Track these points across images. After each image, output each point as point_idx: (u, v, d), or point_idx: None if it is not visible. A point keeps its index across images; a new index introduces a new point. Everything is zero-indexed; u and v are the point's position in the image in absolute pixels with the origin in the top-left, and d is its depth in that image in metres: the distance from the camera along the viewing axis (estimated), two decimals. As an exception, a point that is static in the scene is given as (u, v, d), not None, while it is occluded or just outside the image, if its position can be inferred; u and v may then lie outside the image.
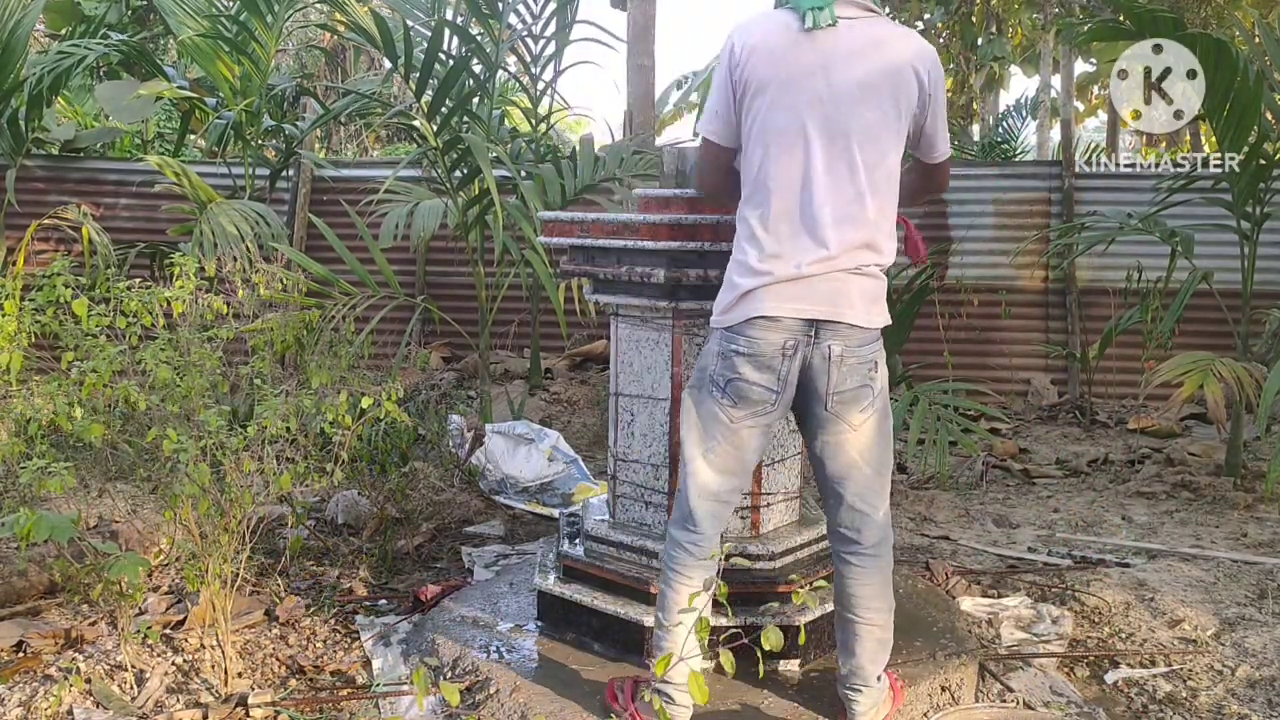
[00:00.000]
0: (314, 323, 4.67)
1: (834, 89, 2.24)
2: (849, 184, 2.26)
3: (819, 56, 2.25)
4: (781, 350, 2.29)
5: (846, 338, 2.30)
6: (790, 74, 2.26)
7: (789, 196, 2.28)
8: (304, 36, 13.18)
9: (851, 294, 2.29)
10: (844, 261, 2.27)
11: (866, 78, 2.24)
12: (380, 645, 3.11)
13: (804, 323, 2.28)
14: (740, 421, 2.36)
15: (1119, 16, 5.17)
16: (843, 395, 2.33)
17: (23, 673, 2.82)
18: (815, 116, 2.25)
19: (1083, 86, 12.37)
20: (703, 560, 2.43)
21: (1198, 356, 4.65)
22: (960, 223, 7.56)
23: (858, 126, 2.25)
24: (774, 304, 2.28)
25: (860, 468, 2.40)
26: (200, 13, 6.61)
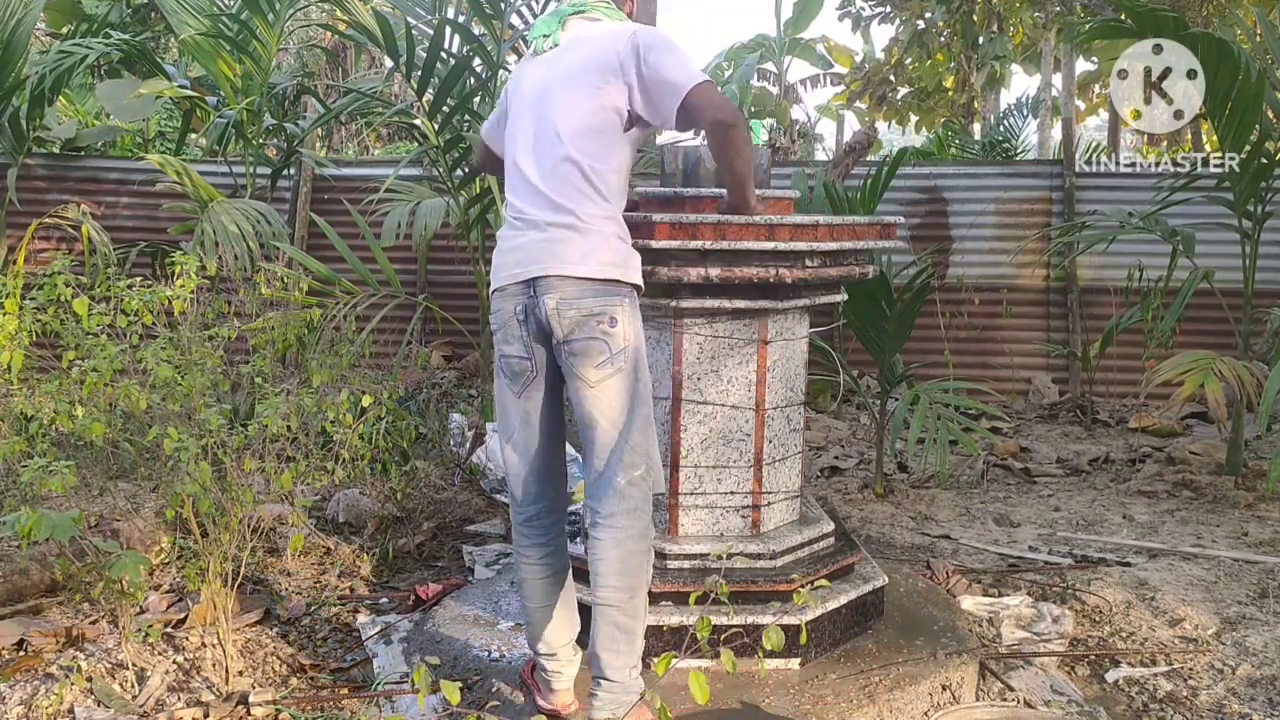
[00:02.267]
0: (315, 321, 4.67)
1: (547, 87, 2.47)
2: (551, 154, 2.42)
3: (541, 69, 2.51)
4: (515, 316, 2.42)
5: (560, 290, 2.36)
6: (518, 94, 2.54)
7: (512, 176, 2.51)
8: (305, 35, 13.18)
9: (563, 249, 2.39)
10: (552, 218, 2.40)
11: (569, 69, 2.45)
12: (381, 644, 3.11)
13: (522, 285, 2.40)
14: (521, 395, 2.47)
15: (1120, 15, 5.17)
16: (573, 344, 2.36)
17: (24, 671, 2.82)
18: (529, 113, 2.48)
19: (1084, 85, 12.36)
20: (537, 540, 2.54)
21: (1199, 355, 4.65)
22: (961, 222, 7.56)
23: (561, 107, 2.42)
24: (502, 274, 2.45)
25: (603, 429, 2.38)
26: (201, 11, 6.60)
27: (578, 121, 2.40)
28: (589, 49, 2.45)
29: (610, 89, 2.40)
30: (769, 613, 2.75)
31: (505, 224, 2.52)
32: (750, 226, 2.67)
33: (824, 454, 5.82)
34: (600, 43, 2.45)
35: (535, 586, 2.55)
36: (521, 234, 2.44)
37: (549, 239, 2.38)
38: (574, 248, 2.37)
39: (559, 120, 2.42)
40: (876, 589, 3.07)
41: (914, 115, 13.54)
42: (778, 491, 2.98)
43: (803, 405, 3.08)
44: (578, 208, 2.38)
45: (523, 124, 2.49)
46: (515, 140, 2.51)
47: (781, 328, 2.91)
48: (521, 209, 2.45)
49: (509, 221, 2.50)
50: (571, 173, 2.40)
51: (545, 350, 2.42)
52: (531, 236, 2.41)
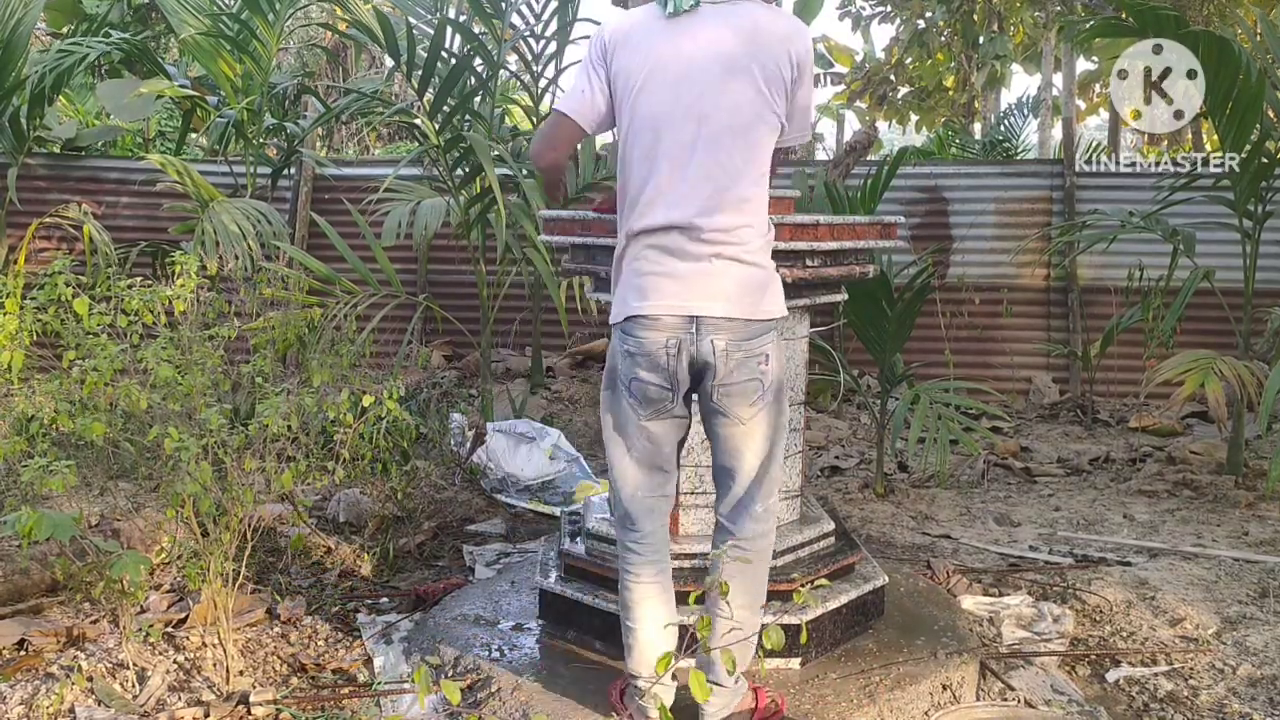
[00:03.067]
0: (315, 321, 4.67)
1: (693, 72, 2.21)
2: (719, 167, 2.22)
3: (683, 44, 2.23)
4: (665, 349, 2.26)
5: (729, 331, 2.24)
6: (650, 61, 2.24)
7: (660, 183, 2.25)
8: (305, 35, 13.18)
9: (727, 285, 2.24)
10: (717, 249, 2.23)
11: (729, 59, 2.20)
12: (382, 643, 3.11)
13: (684, 319, 2.24)
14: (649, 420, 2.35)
15: (1121, 14, 5.16)
16: (731, 388, 2.27)
17: (25, 671, 2.82)
18: (680, 100, 2.22)
19: (1084, 85, 12.35)
20: (651, 559, 2.42)
21: (1199, 355, 4.65)
22: (961, 221, 7.56)
23: (725, 106, 2.21)
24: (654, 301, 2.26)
25: (749, 461, 2.34)
26: (202, 11, 6.61)
27: (739, 121, 2.22)
28: (750, 38, 2.21)
29: (773, 94, 2.23)
30: (769, 612, 2.75)
31: (640, 231, 2.27)
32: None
33: (824, 453, 5.83)
34: (762, 32, 2.22)
35: (648, 608, 2.42)
36: (676, 258, 2.24)
37: (713, 272, 2.22)
38: (740, 283, 2.23)
39: (718, 117, 2.21)
40: (877, 588, 3.07)
41: (914, 115, 13.53)
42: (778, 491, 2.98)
43: (803, 405, 3.08)
44: (737, 232, 2.23)
45: (665, 109, 2.23)
46: (653, 130, 2.24)
47: (781, 327, 2.91)
48: (671, 221, 2.23)
49: (651, 232, 2.25)
50: (728, 185, 2.22)
51: (689, 385, 2.31)
52: (690, 265, 2.23)
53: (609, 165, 5.79)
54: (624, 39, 2.29)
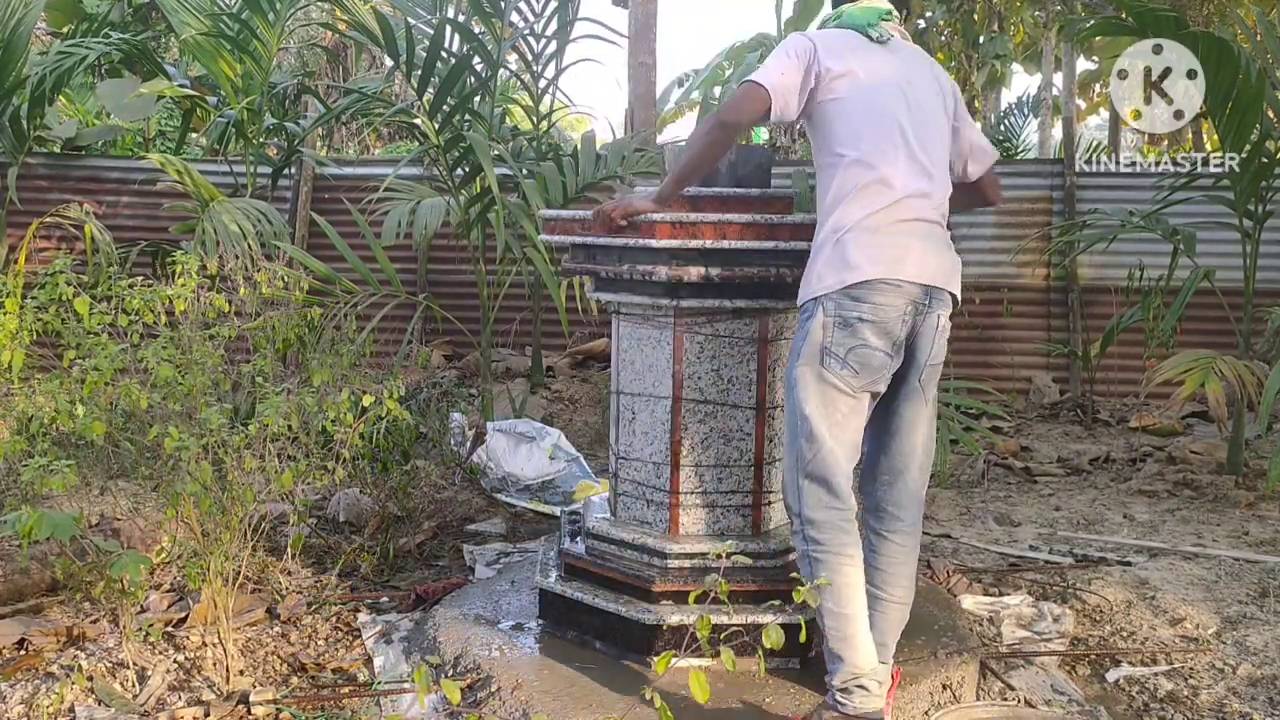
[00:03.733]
0: (316, 321, 4.67)
1: (914, 95, 2.49)
2: (940, 156, 2.52)
3: (896, 63, 2.52)
4: (901, 317, 2.41)
5: (949, 308, 2.47)
6: (871, 69, 2.48)
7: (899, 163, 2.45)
8: (306, 35, 13.17)
9: (950, 259, 2.48)
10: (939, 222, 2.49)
11: (931, 88, 2.54)
12: (382, 643, 3.11)
13: (922, 289, 2.40)
14: (860, 391, 2.44)
15: (1121, 13, 5.17)
16: (935, 368, 2.47)
17: (25, 670, 2.82)
18: (904, 118, 2.46)
19: (1084, 84, 12.35)
20: (855, 534, 2.49)
21: (1199, 355, 4.65)
22: (962, 220, 7.55)
23: (934, 129, 2.51)
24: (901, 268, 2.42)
25: (924, 443, 2.51)
26: (202, 11, 6.61)
27: (940, 154, 2.52)
28: (936, 75, 2.60)
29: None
30: (769, 612, 2.75)
31: (882, 188, 2.42)
32: (751, 226, 2.67)
33: (824, 453, 5.81)
34: (938, 71, 2.62)
35: (857, 591, 2.44)
36: (923, 224, 2.44)
37: (948, 247, 2.47)
38: (954, 262, 2.48)
39: (932, 145, 2.50)
40: (877, 588, 3.07)
41: (914, 114, 13.50)
42: (778, 490, 2.98)
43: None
44: (944, 208, 2.50)
45: (898, 121, 2.47)
46: (892, 109, 2.47)
47: (782, 327, 2.91)
48: (917, 189, 2.44)
49: (896, 186, 2.42)
50: (944, 176, 2.51)
51: (902, 355, 2.45)
52: (936, 237, 2.45)
53: (608, 165, 5.79)
54: (830, 49, 2.49)
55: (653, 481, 2.94)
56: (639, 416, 2.95)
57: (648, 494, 2.96)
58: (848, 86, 2.46)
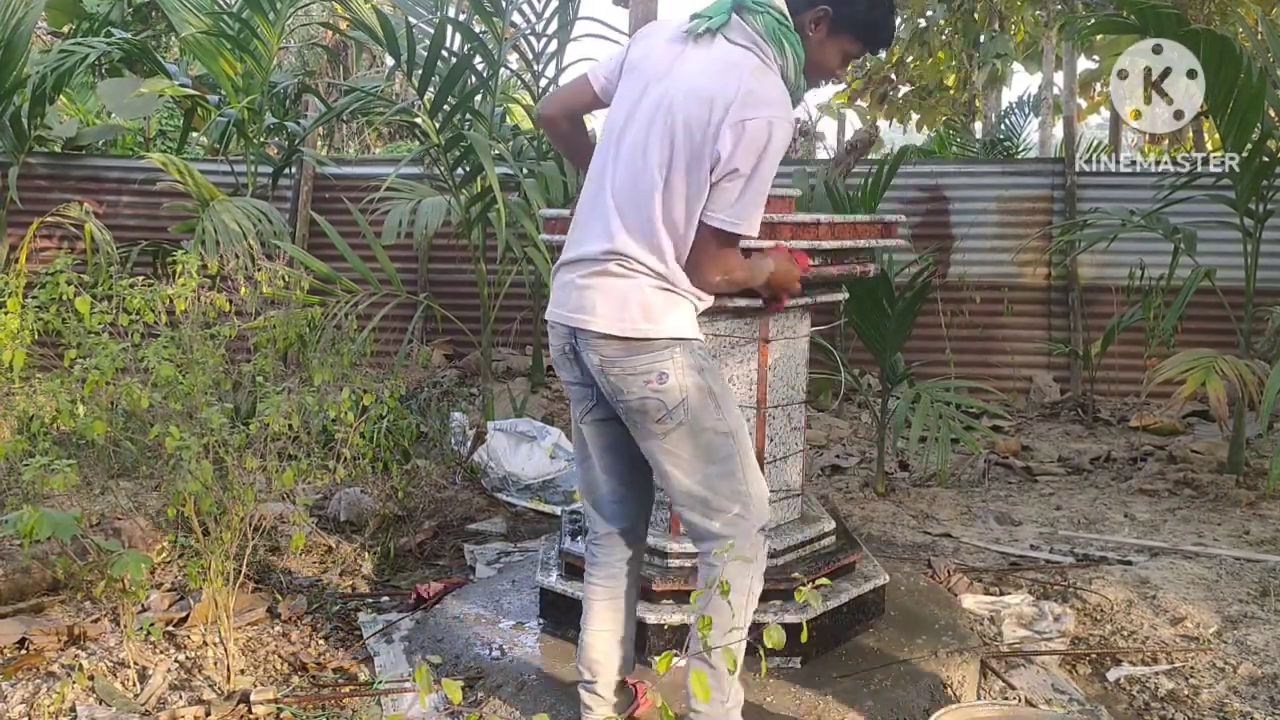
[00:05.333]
0: (316, 320, 4.68)
1: (670, 92, 2.14)
2: (639, 186, 2.16)
3: (675, 61, 2.18)
4: (564, 354, 2.30)
5: (600, 348, 2.17)
6: (644, 68, 2.22)
7: (589, 186, 2.28)
8: (306, 34, 13.18)
9: (595, 299, 2.17)
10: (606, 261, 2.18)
11: (703, 92, 2.09)
12: (382, 642, 3.12)
13: (566, 329, 2.25)
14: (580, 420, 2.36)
15: (1122, 12, 5.16)
16: (628, 405, 2.19)
17: (26, 670, 2.83)
18: (644, 110, 2.18)
19: (1085, 84, 12.33)
20: (603, 562, 2.44)
21: (1200, 354, 4.65)
22: (962, 220, 7.56)
23: (680, 130, 2.11)
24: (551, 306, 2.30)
25: (678, 480, 2.23)
26: (202, 10, 6.61)
27: (681, 168, 2.11)
28: (720, 85, 2.09)
29: (704, 153, 2.10)
30: (770, 611, 2.75)
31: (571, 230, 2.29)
32: (751, 225, 2.66)
33: (825, 453, 5.82)
34: (725, 86, 2.08)
35: (591, 608, 2.45)
36: (572, 267, 2.25)
37: (590, 286, 2.19)
38: (612, 298, 2.16)
39: (671, 149, 2.12)
40: (878, 587, 3.07)
41: (915, 114, 13.51)
42: (779, 490, 2.98)
43: (804, 404, 3.08)
44: (631, 249, 2.16)
45: (627, 117, 2.20)
46: (611, 127, 2.23)
47: (782, 326, 2.91)
48: (581, 226, 2.25)
49: (571, 232, 2.29)
50: (647, 204, 2.15)
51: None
52: (579, 272, 2.22)
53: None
54: (640, 37, 2.30)
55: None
56: (640, 416, 2.94)
57: (648, 493, 2.95)
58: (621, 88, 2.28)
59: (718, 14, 2.16)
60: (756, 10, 2.15)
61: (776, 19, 2.15)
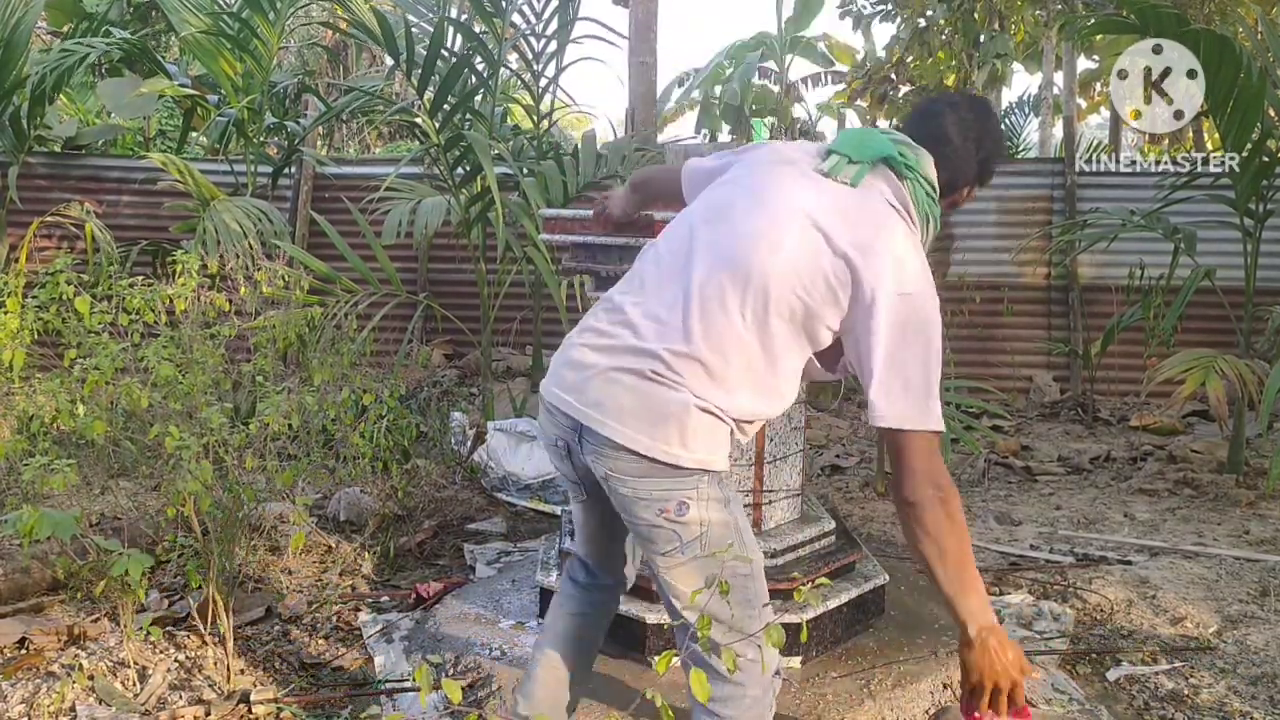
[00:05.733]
0: (316, 320, 4.68)
1: (763, 222, 1.88)
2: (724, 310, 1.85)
3: (791, 188, 1.91)
4: (553, 445, 1.99)
5: (612, 459, 1.85)
6: (736, 187, 1.98)
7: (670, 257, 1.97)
8: (306, 34, 13.18)
9: (623, 399, 1.83)
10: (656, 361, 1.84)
11: (809, 234, 1.85)
12: (383, 642, 3.12)
13: (570, 421, 1.90)
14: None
15: (1122, 12, 5.16)
16: (635, 525, 1.90)
17: (26, 669, 2.82)
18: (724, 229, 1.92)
19: (1085, 84, 12.34)
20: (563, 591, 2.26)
21: (1200, 354, 4.65)
22: (962, 220, 7.55)
23: (760, 267, 1.84)
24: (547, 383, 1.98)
25: (674, 609, 1.95)
26: (202, 10, 6.61)
27: (771, 303, 1.85)
28: (850, 232, 1.84)
29: (828, 304, 1.86)
30: (770, 611, 2.75)
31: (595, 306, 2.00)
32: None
33: (825, 452, 5.82)
34: (858, 236, 1.83)
35: (554, 641, 2.22)
36: (605, 350, 1.90)
37: (620, 382, 1.85)
38: (643, 404, 1.83)
39: (766, 256, 1.84)
40: (877, 587, 3.07)
41: (915, 113, 13.51)
42: (778, 490, 2.98)
43: (804, 404, 3.08)
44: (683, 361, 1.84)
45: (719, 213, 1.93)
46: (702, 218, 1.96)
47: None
48: (619, 318, 1.92)
49: (600, 312, 1.98)
50: (720, 319, 1.84)
51: (595, 482, 1.96)
52: (613, 361, 1.87)
53: (609, 164, 5.79)
54: (747, 150, 2.09)
55: (653, 480, 2.93)
56: (639, 415, 2.95)
57: (648, 493, 2.95)
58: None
59: (862, 158, 1.91)
60: (907, 175, 1.92)
61: (927, 191, 1.94)
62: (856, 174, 1.89)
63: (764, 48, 15.91)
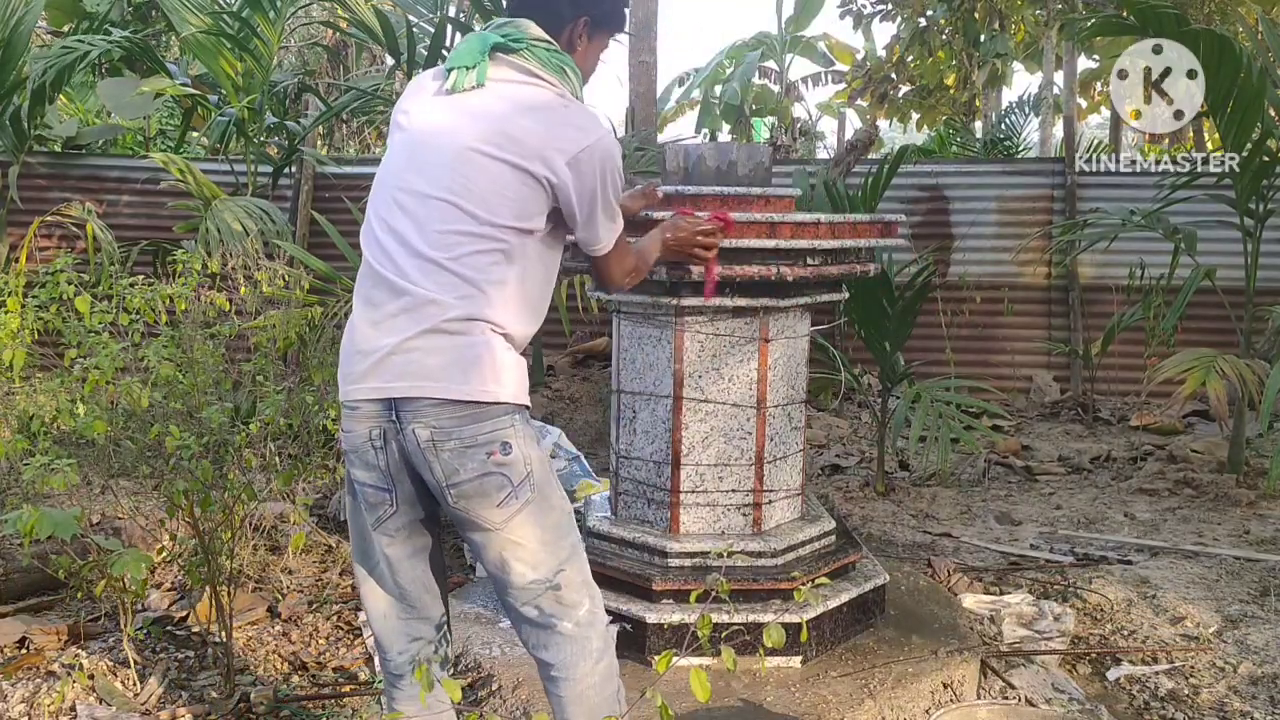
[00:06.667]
0: (316, 320, 4.67)
1: (446, 148, 1.91)
2: (429, 238, 1.88)
3: (448, 117, 1.93)
4: (369, 441, 1.92)
5: (433, 417, 1.85)
6: (415, 134, 1.97)
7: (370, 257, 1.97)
8: (306, 33, 13.18)
9: (428, 361, 1.86)
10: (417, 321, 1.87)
11: (487, 139, 1.88)
12: (383, 642, 3.11)
13: (381, 404, 1.89)
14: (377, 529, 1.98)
15: (1122, 12, 5.17)
16: (461, 486, 1.87)
17: (26, 669, 2.83)
18: (414, 175, 1.93)
19: (1085, 83, 12.35)
20: (409, 697, 2.04)
21: (1200, 353, 4.65)
22: (963, 220, 7.56)
23: (459, 186, 1.87)
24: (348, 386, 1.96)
25: (521, 574, 1.92)
26: (203, 9, 6.61)
27: (490, 190, 1.88)
28: (517, 128, 1.88)
29: (538, 184, 1.90)
30: (770, 610, 2.75)
31: (357, 304, 1.99)
32: (752, 224, 2.67)
33: (825, 452, 5.83)
34: (536, 131, 1.89)
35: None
36: (378, 330, 1.91)
37: (415, 347, 1.86)
38: (448, 358, 1.86)
39: (464, 181, 1.87)
40: (878, 587, 3.08)
41: (915, 113, 13.53)
42: (779, 489, 2.98)
43: (804, 403, 3.08)
44: (462, 302, 1.87)
45: (405, 173, 1.94)
46: (389, 190, 1.95)
47: (783, 325, 2.91)
48: (378, 287, 1.93)
49: (360, 303, 1.98)
50: (463, 250, 1.87)
51: (411, 482, 1.93)
52: (391, 338, 1.88)
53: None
54: (398, 112, 2.05)
55: (653, 480, 2.94)
56: (640, 415, 2.95)
57: (648, 493, 2.96)
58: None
59: (476, 63, 1.94)
60: (516, 48, 1.95)
61: (545, 48, 1.96)
62: (479, 75, 1.94)
63: (764, 47, 15.93)
